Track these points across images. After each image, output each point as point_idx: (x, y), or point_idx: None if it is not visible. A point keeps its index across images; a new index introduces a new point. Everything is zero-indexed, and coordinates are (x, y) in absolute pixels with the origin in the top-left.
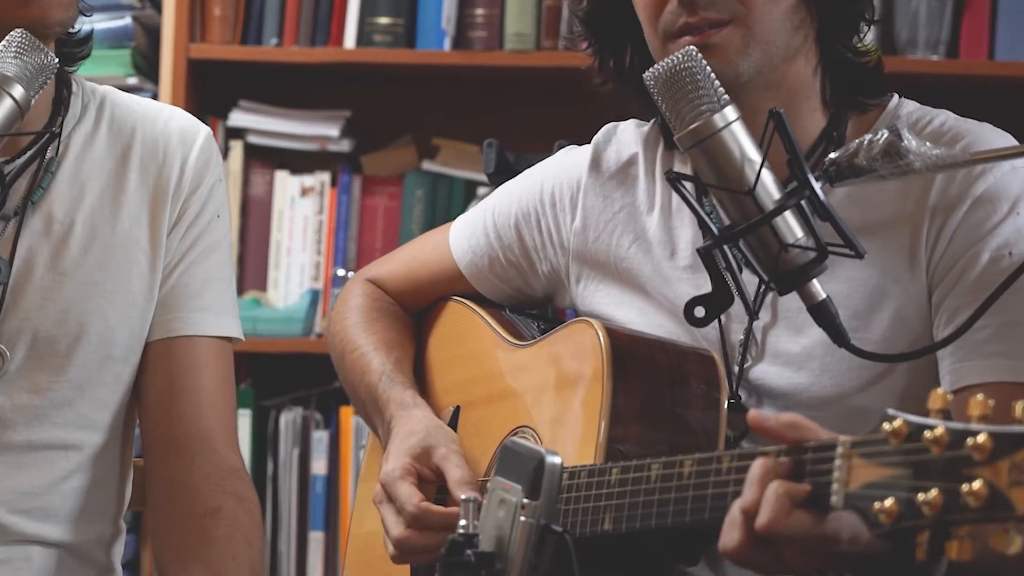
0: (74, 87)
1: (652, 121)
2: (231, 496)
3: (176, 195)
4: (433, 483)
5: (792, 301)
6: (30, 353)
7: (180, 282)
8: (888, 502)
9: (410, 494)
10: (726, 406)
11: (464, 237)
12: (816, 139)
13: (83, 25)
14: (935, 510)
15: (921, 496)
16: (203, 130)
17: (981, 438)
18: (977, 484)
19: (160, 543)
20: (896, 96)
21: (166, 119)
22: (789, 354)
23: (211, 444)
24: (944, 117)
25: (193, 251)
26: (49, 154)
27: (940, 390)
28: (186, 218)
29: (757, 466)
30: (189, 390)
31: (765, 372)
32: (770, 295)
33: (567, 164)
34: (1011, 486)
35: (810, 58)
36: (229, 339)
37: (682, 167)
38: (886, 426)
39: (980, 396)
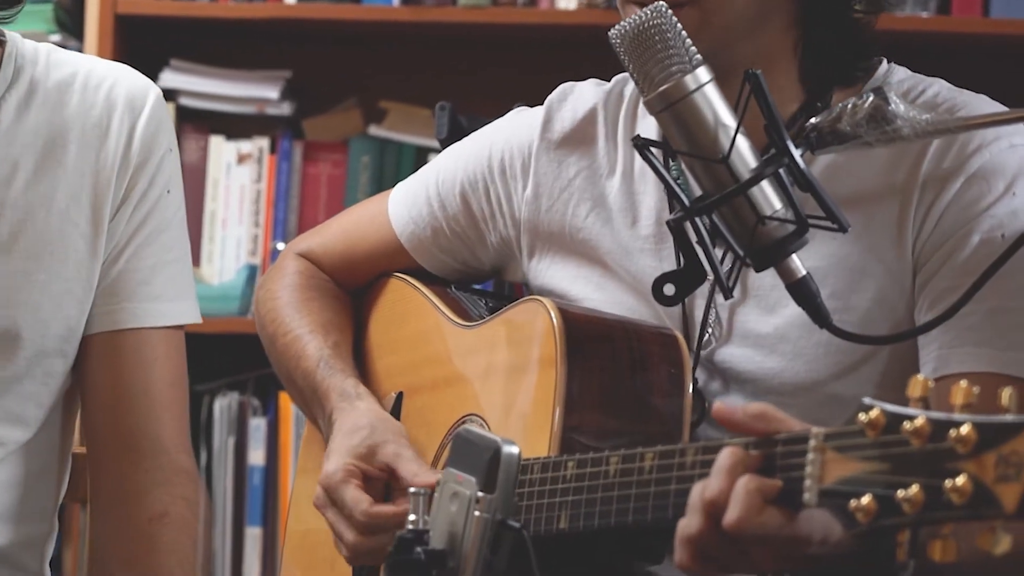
0: (8, 46)
1: (614, 79)
2: (180, 500)
3: (122, 170)
4: (381, 481)
5: (764, 278)
6: None
7: (127, 268)
8: (865, 499)
9: (356, 499)
10: (691, 391)
11: (405, 207)
12: (797, 109)
13: None
14: (916, 507)
15: (901, 492)
16: (152, 91)
17: (965, 429)
18: (961, 479)
19: (102, 548)
20: (886, 62)
21: (112, 81)
22: (759, 335)
23: (161, 445)
24: (938, 87)
25: (141, 232)
26: None
27: (921, 376)
28: (134, 196)
29: (726, 455)
30: (138, 388)
31: (732, 354)
32: (742, 271)
33: (518, 126)
34: (997, 481)
35: (787, 32)
36: (182, 327)
37: (647, 131)
38: (862, 416)
39: (964, 383)
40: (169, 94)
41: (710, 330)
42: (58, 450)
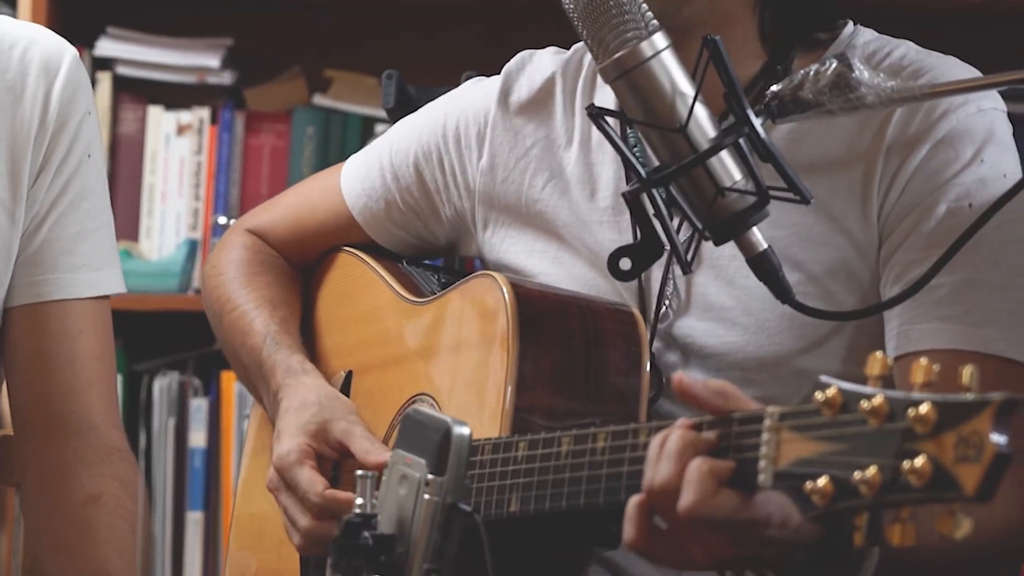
0: None
1: (573, 47)
2: (113, 480)
3: (40, 135)
4: (331, 461)
5: (724, 247)
6: None
7: (49, 237)
8: (822, 481)
9: (312, 481)
10: (648, 369)
11: (357, 179)
12: (756, 74)
13: None
14: (874, 489)
15: (858, 474)
16: (68, 52)
17: (924, 408)
18: (920, 460)
19: (35, 532)
20: (851, 24)
21: (25, 44)
22: (720, 307)
23: (90, 422)
24: (905, 49)
25: (63, 200)
26: None
27: (879, 353)
28: (52, 161)
29: (675, 439)
30: (63, 362)
31: (693, 328)
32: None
33: (474, 96)
34: (957, 462)
35: None
36: (107, 297)
37: (604, 100)
38: (819, 395)
39: (924, 361)
40: (106, 63)
41: (667, 302)
42: None
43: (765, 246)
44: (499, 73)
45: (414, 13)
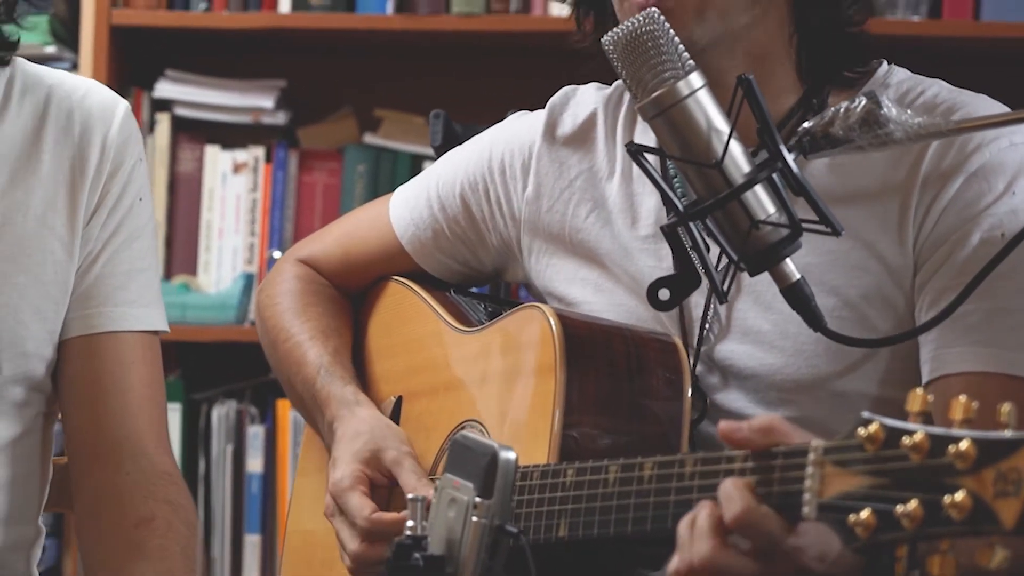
0: None
1: (614, 84)
2: (164, 503)
3: (96, 177)
4: (386, 487)
5: (762, 276)
6: None
7: (103, 273)
8: (864, 513)
9: (360, 506)
10: (690, 394)
11: (406, 209)
12: (790, 109)
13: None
14: (915, 523)
15: (900, 508)
16: (122, 104)
17: (964, 445)
18: (960, 495)
19: (90, 555)
20: (886, 63)
21: (82, 93)
22: (759, 331)
23: (141, 447)
24: (938, 88)
25: (116, 239)
26: None
27: (919, 391)
28: (107, 202)
29: (704, 518)
30: (116, 390)
31: (732, 351)
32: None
33: (519, 128)
34: (996, 497)
35: (783, 26)
36: (156, 332)
37: (644, 134)
38: (861, 431)
39: (963, 398)
40: (164, 104)
41: (708, 326)
42: (39, 454)
43: (798, 277)
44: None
45: (459, 55)
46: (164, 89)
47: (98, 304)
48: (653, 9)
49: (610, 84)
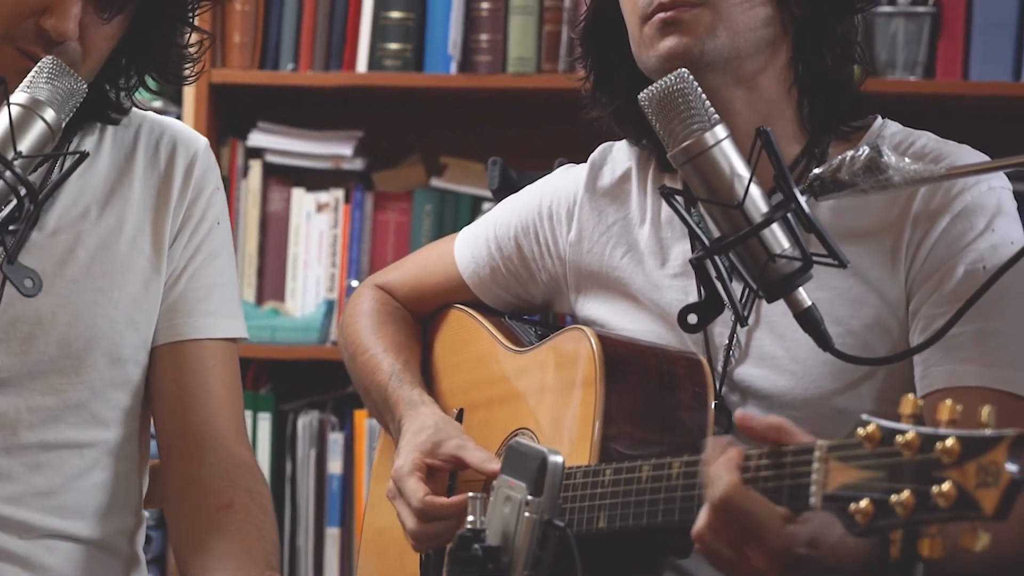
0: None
1: (645, 142)
2: (243, 491)
3: (178, 205)
4: (446, 473)
5: (776, 306)
6: (45, 358)
7: (186, 288)
8: (863, 503)
9: (415, 489)
10: (713, 407)
11: (468, 249)
12: (796, 157)
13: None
14: (907, 510)
15: (894, 497)
16: (202, 141)
17: (950, 442)
18: (946, 486)
19: (177, 537)
20: (880, 117)
21: (166, 130)
22: (774, 357)
23: (223, 441)
24: (926, 139)
25: (196, 258)
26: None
27: (911, 396)
28: (188, 227)
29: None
30: (200, 391)
31: (750, 374)
32: (756, 301)
33: (564, 181)
34: (978, 487)
35: (783, 78)
36: (235, 340)
37: (673, 183)
38: (860, 431)
39: (949, 402)
40: (257, 152)
41: (731, 352)
42: (137, 452)
43: (809, 303)
44: (585, 160)
45: (514, 109)
46: (256, 139)
47: (183, 315)
48: (683, 69)
49: (638, 141)
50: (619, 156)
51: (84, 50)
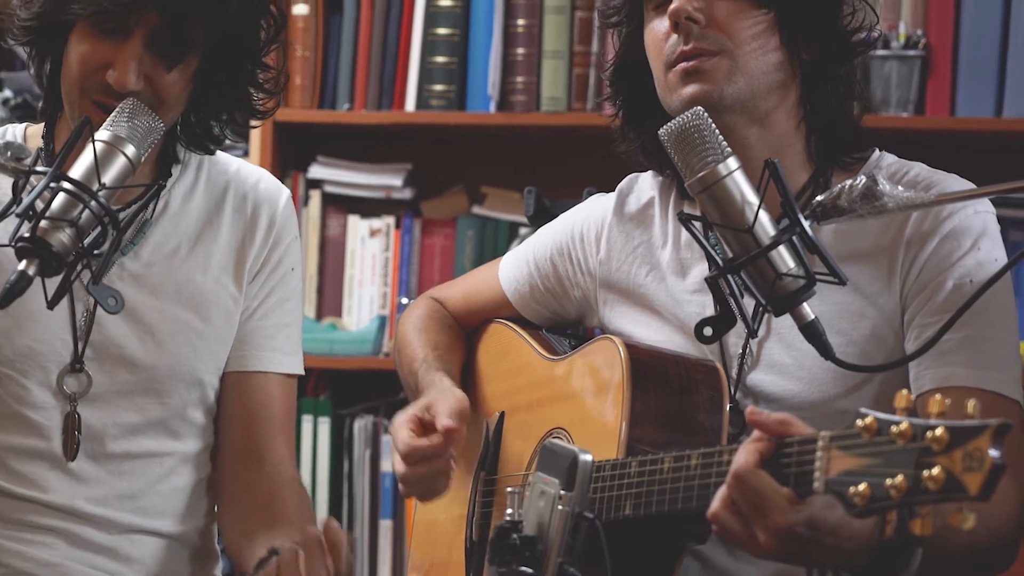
0: (178, 147)
1: (666, 172)
2: (293, 494)
3: (260, 250)
4: (433, 426)
5: (783, 319)
6: (132, 379)
7: (258, 324)
8: (862, 486)
9: (403, 436)
10: (728, 409)
11: (510, 269)
12: (803, 185)
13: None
14: (901, 493)
15: (889, 481)
16: (285, 193)
17: (939, 431)
18: (936, 470)
19: (231, 531)
20: (877, 150)
21: (255, 180)
22: (782, 364)
23: (278, 457)
24: (919, 169)
25: (270, 299)
26: (146, 215)
27: (905, 391)
28: (266, 270)
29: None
30: (262, 417)
31: (761, 380)
32: (765, 315)
33: (594, 208)
34: (964, 472)
35: (792, 114)
36: (293, 375)
37: (691, 209)
38: (859, 422)
39: (938, 396)
40: (316, 183)
41: (745, 361)
42: (208, 461)
43: (812, 316)
44: (610, 189)
45: (547, 143)
46: (316, 171)
47: (251, 348)
48: (699, 108)
49: (660, 173)
50: (644, 186)
51: (158, 98)
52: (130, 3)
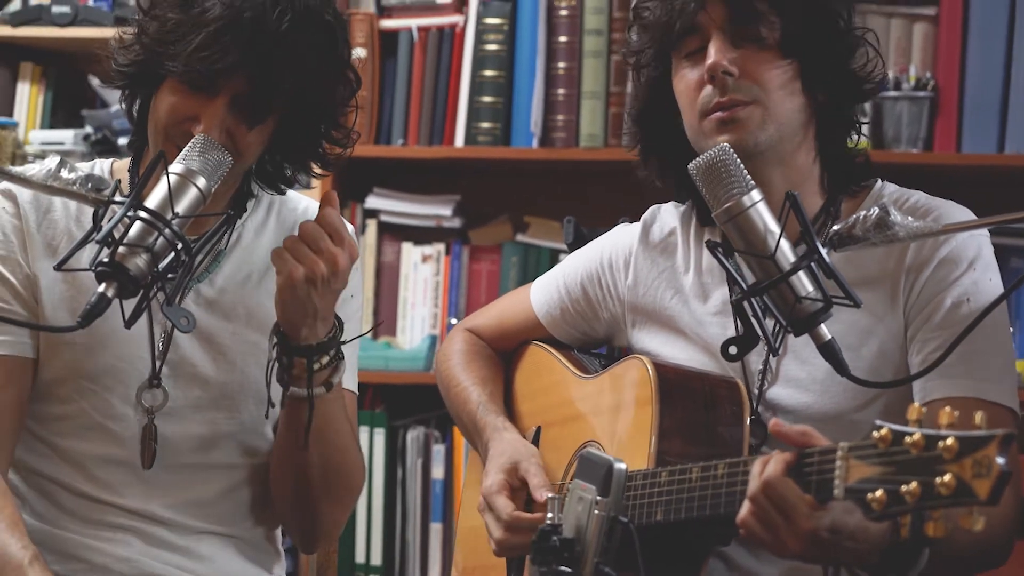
0: (252, 184)
1: (688, 202)
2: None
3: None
4: (522, 490)
5: (799, 338)
6: (204, 395)
7: None
8: (878, 493)
9: (505, 505)
10: (749, 422)
11: (542, 294)
12: (816, 213)
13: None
14: (915, 498)
15: (904, 488)
16: (349, 226)
17: (949, 441)
18: (947, 477)
19: (282, 501)
20: (880, 180)
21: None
22: (798, 379)
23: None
24: (918, 196)
25: None
26: (221, 246)
27: (916, 404)
28: None
29: (759, 462)
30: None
31: (779, 394)
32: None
33: (621, 236)
34: (974, 478)
35: (810, 150)
36: (353, 392)
37: (713, 236)
38: (875, 434)
39: (948, 409)
40: (373, 213)
41: (767, 377)
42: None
43: (829, 337)
44: (639, 219)
45: (586, 176)
46: (372, 202)
47: None
48: (725, 144)
49: (682, 202)
50: (666, 216)
51: (236, 151)
52: (221, 69)
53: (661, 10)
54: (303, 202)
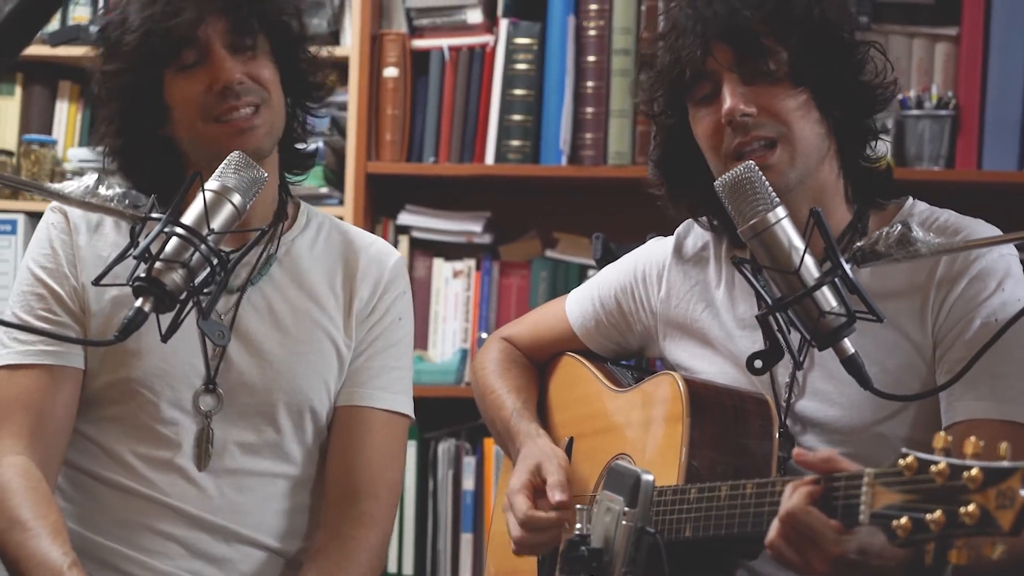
0: (301, 206)
1: (713, 223)
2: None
3: (368, 300)
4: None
5: (826, 352)
6: (250, 402)
7: (365, 365)
8: (903, 520)
9: (522, 504)
10: (777, 436)
11: (577, 306)
12: (844, 229)
13: (308, 145)
14: (939, 526)
15: (929, 516)
16: (395, 255)
17: (974, 471)
18: (972, 507)
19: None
20: (911, 198)
21: (368, 244)
22: (826, 393)
23: (375, 494)
24: (948, 215)
25: (376, 343)
26: (271, 250)
27: (942, 433)
28: (372, 318)
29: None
30: (362, 448)
31: (806, 407)
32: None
33: (655, 250)
34: (998, 509)
35: (833, 165)
36: (400, 414)
37: (742, 254)
38: (901, 461)
39: (973, 438)
40: (405, 229)
41: (793, 390)
42: (313, 487)
43: (853, 351)
44: (669, 234)
45: (614, 193)
46: (404, 219)
47: (358, 386)
48: (750, 162)
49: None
50: (699, 231)
51: (258, 82)
52: (195, 19)
53: (669, 58)
54: (353, 231)
